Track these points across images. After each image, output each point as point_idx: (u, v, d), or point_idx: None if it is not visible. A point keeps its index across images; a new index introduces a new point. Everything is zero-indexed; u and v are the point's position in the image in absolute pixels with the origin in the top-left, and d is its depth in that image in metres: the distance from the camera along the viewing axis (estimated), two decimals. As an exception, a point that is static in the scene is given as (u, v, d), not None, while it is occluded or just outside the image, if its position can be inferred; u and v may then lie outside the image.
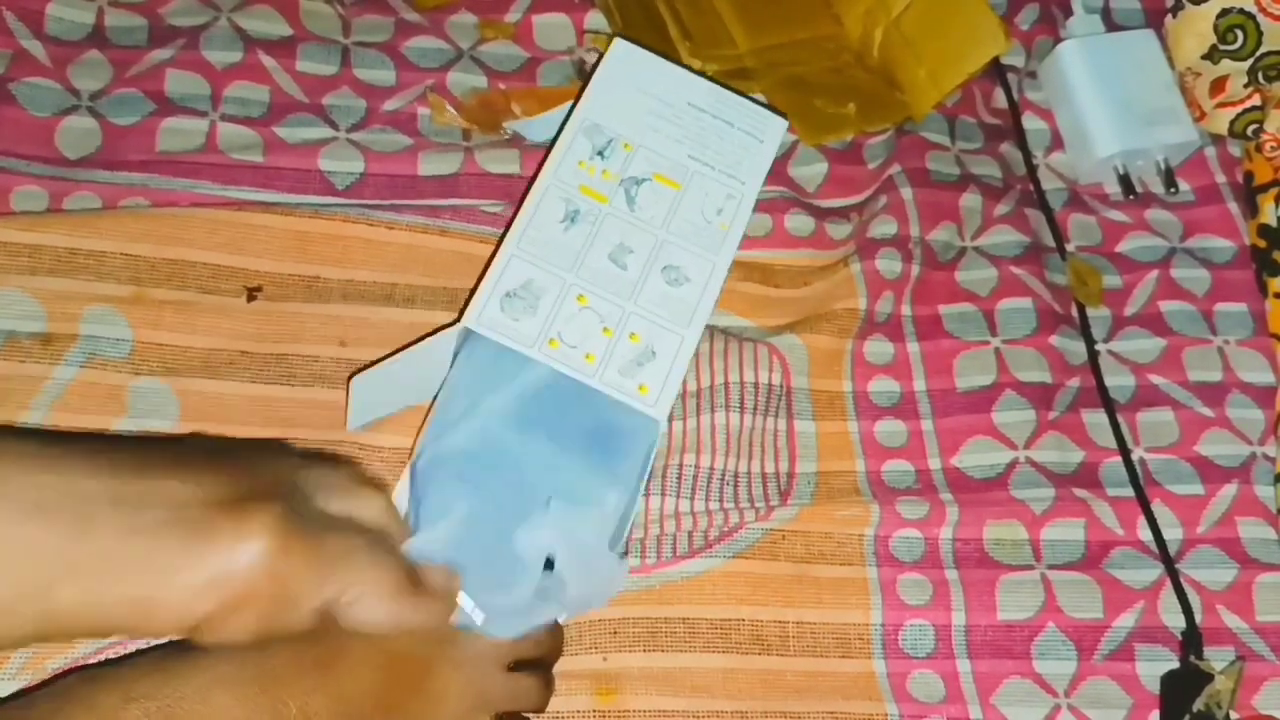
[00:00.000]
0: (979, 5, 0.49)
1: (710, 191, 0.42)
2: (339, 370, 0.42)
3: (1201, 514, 0.45)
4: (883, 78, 0.52)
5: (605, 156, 0.42)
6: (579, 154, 0.42)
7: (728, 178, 0.43)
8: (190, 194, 0.44)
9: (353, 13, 0.50)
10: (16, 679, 0.36)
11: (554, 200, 0.41)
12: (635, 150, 0.42)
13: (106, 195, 0.44)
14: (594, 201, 0.41)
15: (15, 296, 0.41)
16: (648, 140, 0.42)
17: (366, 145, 0.47)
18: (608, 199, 0.41)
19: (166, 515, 0.29)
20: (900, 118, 0.51)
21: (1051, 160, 0.53)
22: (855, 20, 0.52)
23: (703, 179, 0.42)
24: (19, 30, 0.46)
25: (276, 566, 0.29)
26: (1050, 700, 0.41)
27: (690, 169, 0.42)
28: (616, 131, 0.42)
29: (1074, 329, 0.48)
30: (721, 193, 0.42)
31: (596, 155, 0.42)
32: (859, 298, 0.47)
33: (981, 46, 0.49)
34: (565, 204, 0.41)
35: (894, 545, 0.43)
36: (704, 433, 0.43)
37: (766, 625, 0.41)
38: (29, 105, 0.45)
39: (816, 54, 0.52)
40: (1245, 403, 0.47)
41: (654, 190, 0.42)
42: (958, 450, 0.45)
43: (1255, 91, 0.51)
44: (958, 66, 0.50)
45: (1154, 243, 0.51)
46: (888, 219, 0.49)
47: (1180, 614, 0.43)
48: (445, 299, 0.44)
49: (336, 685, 0.32)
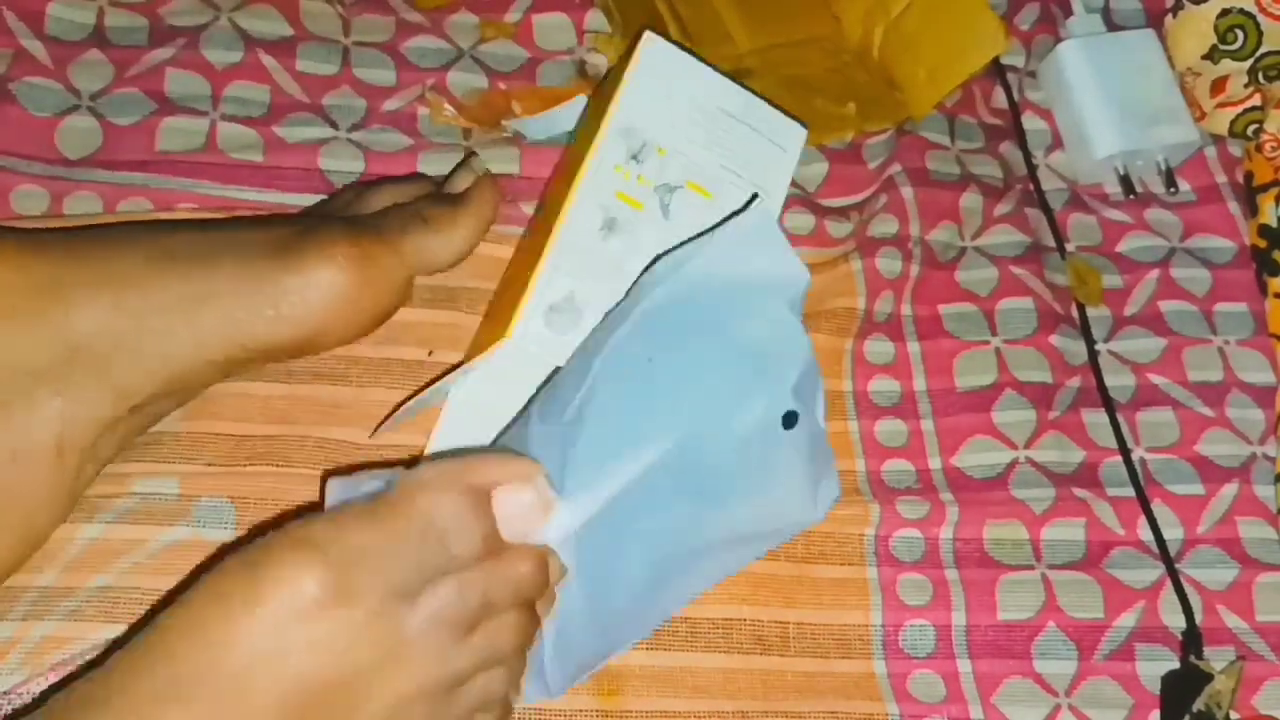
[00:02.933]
0: (979, 5, 0.49)
1: (739, 202, 0.41)
2: (337, 367, 0.42)
3: (1202, 514, 0.45)
4: (882, 78, 0.52)
5: (640, 161, 0.40)
6: (615, 158, 0.40)
7: (755, 187, 0.41)
8: (190, 193, 0.44)
9: (353, 12, 0.50)
10: (16, 673, 0.36)
11: (591, 207, 0.39)
12: (668, 155, 0.40)
13: (106, 195, 0.44)
14: (630, 208, 0.39)
15: (15, 296, 0.41)
16: (681, 145, 0.40)
17: (366, 145, 0.47)
18: (643, 206, 0.39)
19: (269, 250, 0.37)
20: (900, 118, 0.51)
21: (1051, 160, 0.53)
22: (855, 20, 0.52)
23: (732, 189, 0.41)
24: (19, 30, 0.46)
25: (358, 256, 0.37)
26: (1051, 700, 0.41)
27: (721, 178, 0.41)
28: (651, 135, 0.40)
29: (1074, 329, 0.48)
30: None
31: (631, 159, 0.40)
32: (858, 296, 0.47)
33: (981, 46, 0.49)
34: (603, 211, 0.39)
35: (894, 545, 0.43)
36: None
37: (767, 625, 0.41)
38: (29, 105, 0.45)
39: (816, 54, 0.52)
40: (1245, 402, 0.47)
41: (686, 198, 0.40)
42: (958, 450, 0.45)
43: (1255, 91, 0.51)
44: (958, 66, 0.50)
45: (1154, 243, 0.51)
46: (888, 217, 0.49)
47: (1180, 614, 0.43)
48: (444, 297, 0.44)
49: None
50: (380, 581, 0.29)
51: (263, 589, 0.29)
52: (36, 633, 0.36)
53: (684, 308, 0.36)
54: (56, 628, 0.37)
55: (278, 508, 0.39)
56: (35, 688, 0.36)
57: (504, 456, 0.33)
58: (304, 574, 0.29)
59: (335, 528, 0.30)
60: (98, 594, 0.37)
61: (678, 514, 0.36)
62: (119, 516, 0.38)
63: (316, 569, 0.29)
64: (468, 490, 0.31)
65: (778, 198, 0.42)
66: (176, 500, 0.39)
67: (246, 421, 0.41)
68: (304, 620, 0.29)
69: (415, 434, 0.41)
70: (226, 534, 0.39)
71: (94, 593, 0.37)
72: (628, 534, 0.35)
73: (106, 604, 0.37)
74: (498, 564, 0.32)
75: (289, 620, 0.29)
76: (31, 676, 0.36)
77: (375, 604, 0.29)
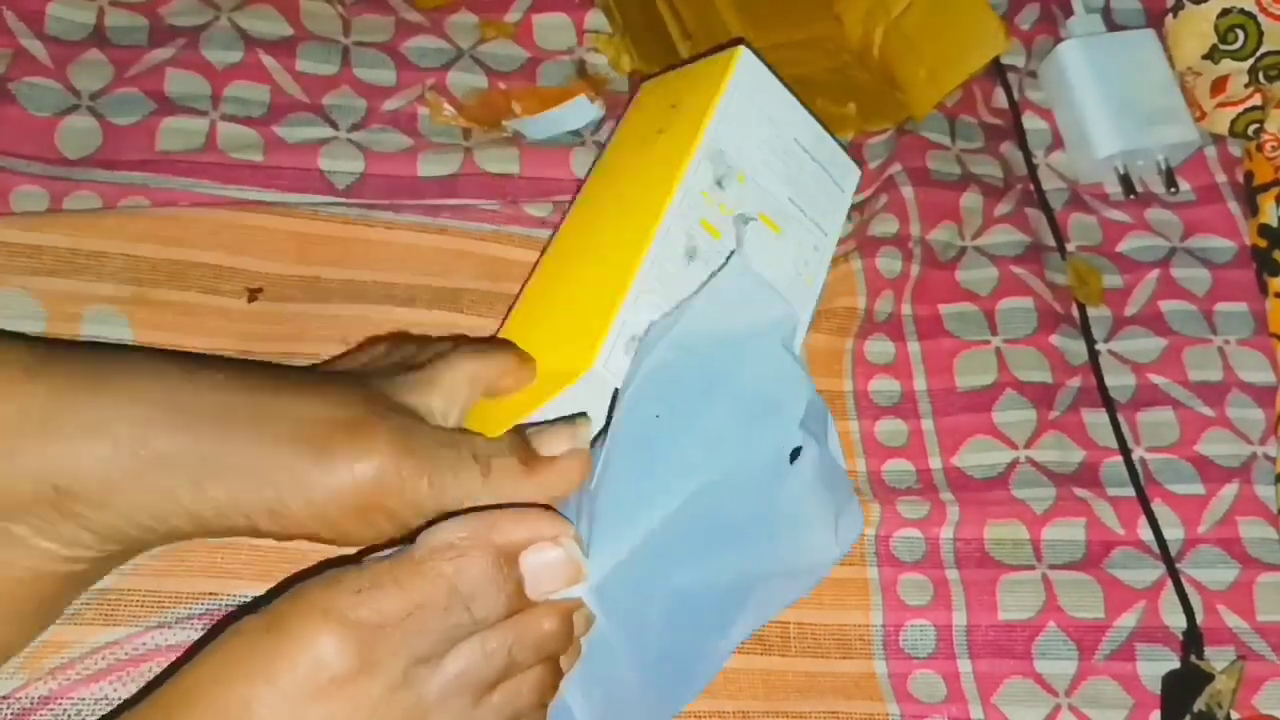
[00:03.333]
0: (979, 5, 0.49)
1: (802, 241, 0.39)
2: (339, 370, 0.42)
3: (1202, 514, 0.45)
4: (883, 77, 0.52)
5: (724, 187, 0.38)
6: (702, 182, 0.37)
7: (815, 226, 0.40)
8: (190, 193, 0.44)
9: (353, 12, 0.50)
10: (14, 678, 0.36)
11: (677, 234, 0.37)
12: (747, 184, 0.38)
13: (106, 195, 0.44)
14: (710, 236, 0.37)
15: (16, 297, 0.41)
16: (760, 174, 0.39)
17: (366, 145, 0.47)
18: (721, 235, 0.37)
19: (294, 431, 0.32)
20: (901, 118, 0.51)
21: (1052, 160, 0.53)
22: (855, 20, 0.52)
23: (798, 226, 0.39)
24: (19, 30, 0.46)
25: (391, 481, 0.32)
26: (1051, 700, 0.41)
27: (789, 213, 0.39)
28: (736, 160, 0.38)
29: (1074, 329, 0.48)
30: (809, 242, 0.40)
31: (716, 185, 0.38)
32: (859, 295, 0.47)
33: (982, 46, 0.49)
34: (686, 238, 0.37)
35: (895, 545, 0.43)
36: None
37: (768, 625, 0.41)
38: (29, 105, 0.45)
39: (817, 54, 0.52)
40: (1245, 402, 0.47)
41: (758, 231, 0.38)
42: (958, 450, 0.45)
43: (1256, 91, 0.51)
44: (958, 66, 0.50)
45: (1154, 242, 0.51)
46: (888, 217, 0.49)
47: (1181, 614, 0.43)
48: (445, 298, 0.44)
49: None
50: (404, 651, 0.29)
51: (282, 661, 0.28)
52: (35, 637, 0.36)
53: (684, 365, 0.36)
54: (55, 631, 0.36)
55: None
56: (34, 692, 0.36)
57: (531, 514, 0.32)
58: (326, 647, 0.28)
59: (359, 596, 0.29)
60: (97, 596, 0.37)
61: (705, 563, 0.36)
62: (119, 517, 0.38)
63: (338, 641, 0.28)
64: (495, 551, 0.31)
65: (834, 238, 0.40)
66: (177, 501, 0.39)
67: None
68: (324, 694, 0.28)
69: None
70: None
71: (93, 595, 0.37)
72: (658, 589, 0.35)
73: (106, 607, 0.37)
74: (522, 623, 0.31)
75: (309, 694, 0.28)
76: (30, 681, 0.36)
77: (397, 675, 0.29)
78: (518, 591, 0.31)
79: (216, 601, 0.38)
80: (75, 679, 0.36)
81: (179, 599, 0.38)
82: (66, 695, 0.36)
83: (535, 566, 0.31)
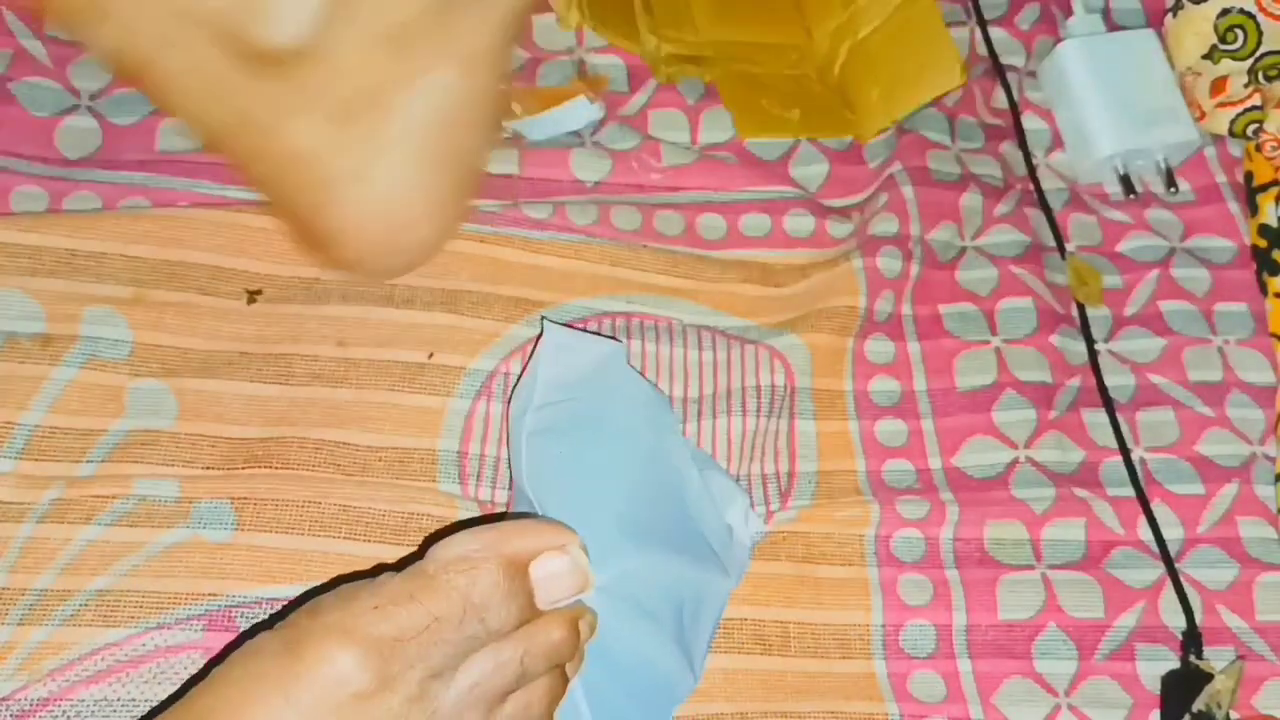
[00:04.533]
0: (943, 38, 0.50)
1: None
2: (336, 369, 0.42)
3: (1202, 514, 0.45)
4: (837, 94, 0.52)
5: None
6: None
7: None
8: (190, 193, 0.44)
9: (352, 12, 0.50)
10: (13, 679, 0.36)
11: None
12: None
13: (106, 195, 0.44)
14: None
15: (15, 297, 0.41)
16: None
17: (366, 145, 0.47)
18: None
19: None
20: (845, 135, 0.51)
21: (1051, 160, 0.53)
22: (824, 34, 0.52)
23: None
24: (19, 30, 0.46)
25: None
26: (1051, 700, 0.41)
27: None
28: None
29: (1074, 329, 0.48)
30: None
31: None
32: (859, 295, 0.47)
33: (937, 79, 0.50)
34: None
35: (894, 545, 0.43)
36: (704, 439, 0.43)
37: (768, 625, 0.41)
38: (29, 105, 0.45)
39: (776, 59, 0.52)
40: (1245, 402, 0.47)
41: None
42: (958, 450, 0.45)
43: (1255, 91, 0.51)
44: (911, 94, 0.50)
45: (1154, 242, 0.51)
46: (888, 216, 0.49)
47: (1181, 614, 0.43)
48: (443, 299, 0.44)
49: None
50: (420, 665, 0.29)
51: (301, 679, 0.28)
52: (34, 638, 0.36)
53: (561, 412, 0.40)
54: (54, 633, 0.36)
55: (277, 509, 0.39)
56: (33, 694, 0.36)
57: (540, 524, 0.33)
58: (344, 664, 0.29)
59: (376, 612, 0.29)
60: (96, 597, 0.37)
61: (656, 565, 0.38)
62: (117, 518, 0.38)
63: (357, 657, 0.29)
64: (505, 563, 0.31)
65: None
66: (175, 502, 0.39)
67: (246, 423, 0.41)
68: (343, 711, 0.29)
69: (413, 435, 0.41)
70: (226, 535, 0.39)
71: (92, 596, 0.37)
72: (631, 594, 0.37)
73: (105, 608, 0.37)
74: (532, 632, 0.32)
75: (328, 711, 0.28)
76: (29, 682, 0.36)
77: (414, 688, 0.29)
78: (528, 602, 0.32)
79: (216, 601, 0.38)
80: (74, 680, 0.36)
81: (179, 599, 0.38)
82: (66, 697, 0.36)
83: (545, 576, 0.32)
